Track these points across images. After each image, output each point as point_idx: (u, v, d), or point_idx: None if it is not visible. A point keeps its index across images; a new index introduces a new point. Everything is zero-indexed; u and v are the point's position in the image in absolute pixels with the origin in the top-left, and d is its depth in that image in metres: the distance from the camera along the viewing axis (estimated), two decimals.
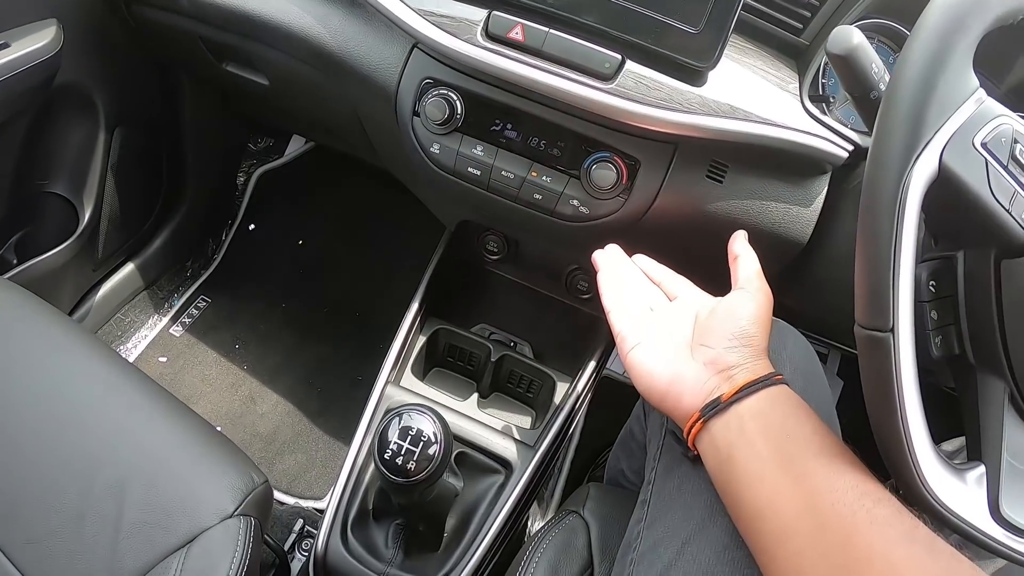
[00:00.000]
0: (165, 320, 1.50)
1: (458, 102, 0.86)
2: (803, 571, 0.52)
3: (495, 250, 1.12)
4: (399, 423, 0.76)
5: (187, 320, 1.51)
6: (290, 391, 1.40)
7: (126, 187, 1.36)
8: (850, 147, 0.83)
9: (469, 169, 0.89)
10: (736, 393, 0.60)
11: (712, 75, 0.81)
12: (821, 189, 0.87)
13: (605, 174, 0.83)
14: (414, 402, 0.83)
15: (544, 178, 0.87)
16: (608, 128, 0.83)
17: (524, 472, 0.94)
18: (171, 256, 1.54)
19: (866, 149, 0.82)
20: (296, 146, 1.77)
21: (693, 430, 0.62)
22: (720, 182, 0.85)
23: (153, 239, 1.50)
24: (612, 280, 0.76)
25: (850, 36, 0.62)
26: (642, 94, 0.78)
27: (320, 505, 1.25)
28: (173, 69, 1.37)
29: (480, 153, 0.88)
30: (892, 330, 0.53)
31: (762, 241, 0.86)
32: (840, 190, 0.87)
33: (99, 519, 0.78)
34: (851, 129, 0.84)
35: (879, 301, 0.54)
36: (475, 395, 1.09)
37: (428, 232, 1.52)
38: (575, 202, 0.87)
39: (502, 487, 0.95)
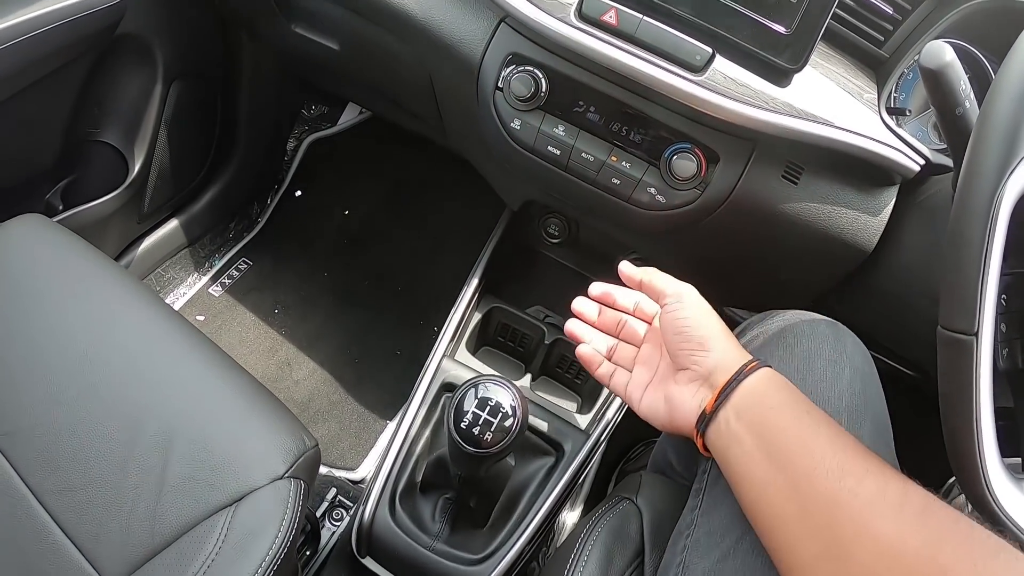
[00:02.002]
0: (205, 279, 1.51)
1: (543, 80, 0.87)
2: (798, 555, 0.56)
3: (555, 233, 1.12)
4: (476, 393, 0.76)
5: (227, 281, 1.51)
6: (327, 359, 1.40)
7: (178, 142, 1.36)
8: (922, 161, 0.84)
9: (549, 148, 0.89)
10: (716, 400, 0.66)
11: (796, 77, 0.81)
12: (889, 200, 0.88)
13: (686, 164, 0.83)
14: (490, 374, 0.82)
15: (624, 163, 0.87)
16: (691, 120, 0.83)
17: (576, 456, 0.95)
18: (216, 215, 1.54)
19: (937, 165, 0.85)
20: (350, 116, 1.77)
21: (699, 445, 0.68)
22: (795, 183, 0.85)
23: (199, 197, 1.50)
24: (597, 357, 0.81)
25: (943, 52, 0.63)
26: (729, 89, 0.79)
27: (352, 476, 1.25)
28: (235, 28, 1.37)
29: (561, 133, 0.88)
30: (976, 334, 0.55)
31: (829, 246, 0.88)
32: (906, 203, 0.88)
33: (142, 471, 0.77)
34: (922, 144, 0.85)
35: (966, 305, 0.55)
36: (526, 376, 1.09)
37: (477, 212, 1.53)
38: (652, 190, 0.87)
39: (552, 469, 0.95)
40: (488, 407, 0.76)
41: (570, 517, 1.23)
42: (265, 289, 1.50)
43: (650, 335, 0.80)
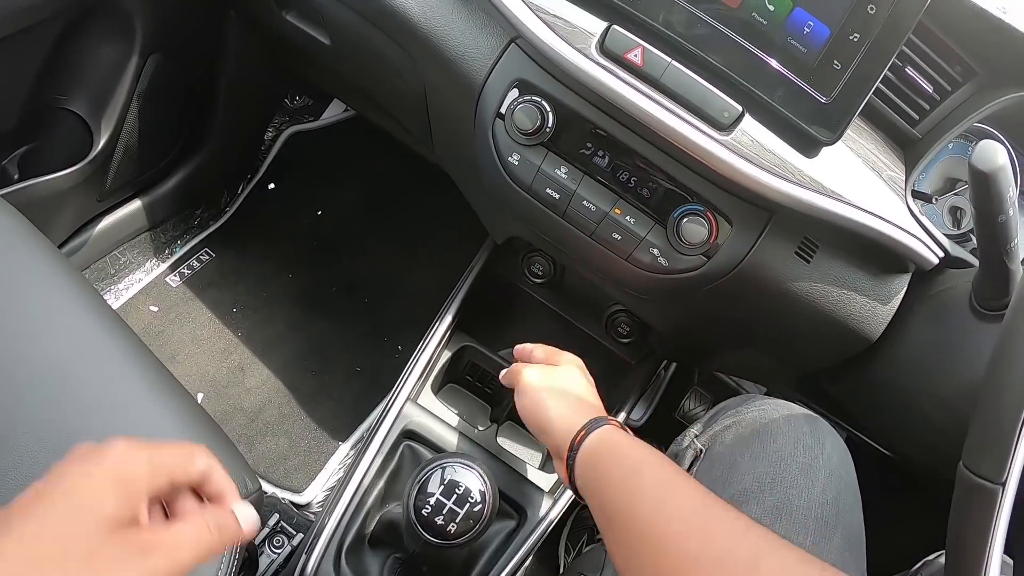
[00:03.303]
0: (163, 267, 1.41)
1: (550, 114, 0.79)
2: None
3: (539, 273, 1.04)
4: (442, 476, 0.69)
5: (186, 271, 1.41)
6: (283, 368, 1.31)
7: (149, 119, 1.27)
8: (942, 254, 0.80)
9: (547, 190, 0.81)
10: (568, 476, 0.70)
11: (825, 150, 0.75)
12: (900, 288, 0.83)
13: (697, 229, 0.76)
14: (457, 455, 0.74)
15: (628, 218, 0.80)
16: (707, 180, 0.77)
17: (539, 524, 0.87)
18: (181, 201, 1.44)
19: (955, 259, 0.81)
20: (335, 112, 1.67)
21: None
22: (808, 261, 0.79)
23: (166, 180, 1.40)
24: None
25: (996, 155, 0.59)
26: (753, 153, 0.72)
27: (297, 499, 1.17)
28: (222, 6, 1.28)
29: (564, 175, 0.81)
30: (1004, 484, 0.52)
31: (833, 329, 0.82)
32: (916, 294, 0.83)
33: None
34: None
35: (999, 454, 0.52)
36: (491, 425, 1.01)
37: (459, 233, 1.46)
38: (655, 251, 0.80)
39: (512, 534, 0.88)
40: (455, 494, 0.69)
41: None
42: (225, 285, 1.40)
43: None
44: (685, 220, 0.77)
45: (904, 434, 0.86)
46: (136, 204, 1.36)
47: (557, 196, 0.81)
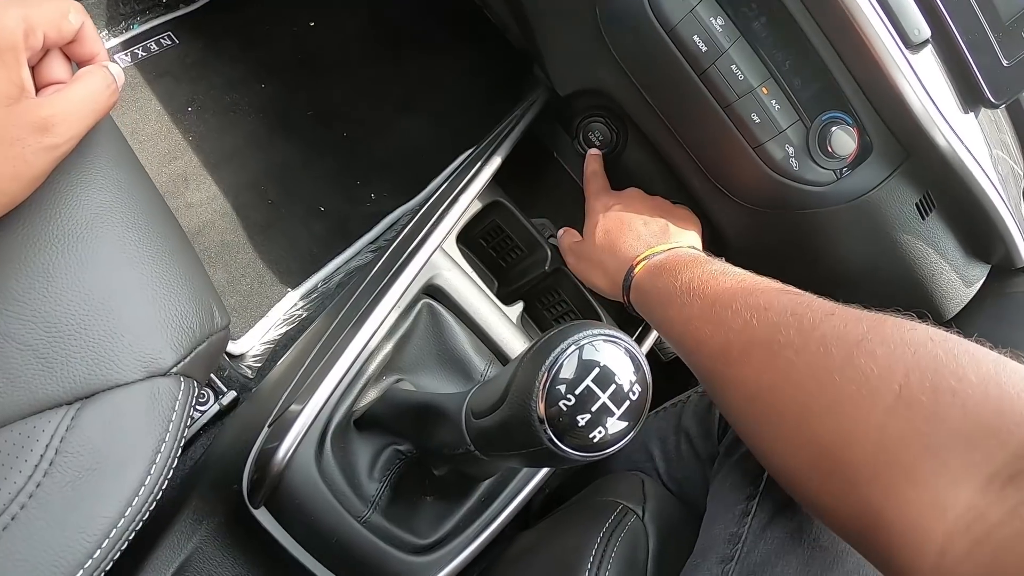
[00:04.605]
0: (114, 43, 1.14)
1: None
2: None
3: (597, 143, 0.87)
4: (581, 356, 0.42)
5: (141, 53, 1.15)
6: (234, 189, 1.10)
7: None
8: None
9: (695, 38, 0.67)
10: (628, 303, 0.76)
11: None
12: (981, 276, 0.82)
13: (846, 140, 0.67)
14: (599, 327, 0.44)
15: (773, 102, 0.68)
16: (865, 94, 0.68)
17: None
18: None
19: None
20: None
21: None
22: (922, 218, 0.73)
23: None
24: None
25: None
26: (922, 83, 0.65)
27: (231, 348, 0.98)
28: None
29: (719, 27, 0.67)
30: None
31: (918, 296, 0.79)
32: (990, 289, 0.82)
33: None
34: None
35: None
36: (518, 302, 0.86)
37: (474, 83, 1.30)
38: (790, 149, 0.69)
39: None
40: (612, 384, 0.42)
41: None
42: (184, 79, 1.16)
43: None
44: (836, 128, 0.68)
45: None
46: None
47: (704, 49, 0.67)
